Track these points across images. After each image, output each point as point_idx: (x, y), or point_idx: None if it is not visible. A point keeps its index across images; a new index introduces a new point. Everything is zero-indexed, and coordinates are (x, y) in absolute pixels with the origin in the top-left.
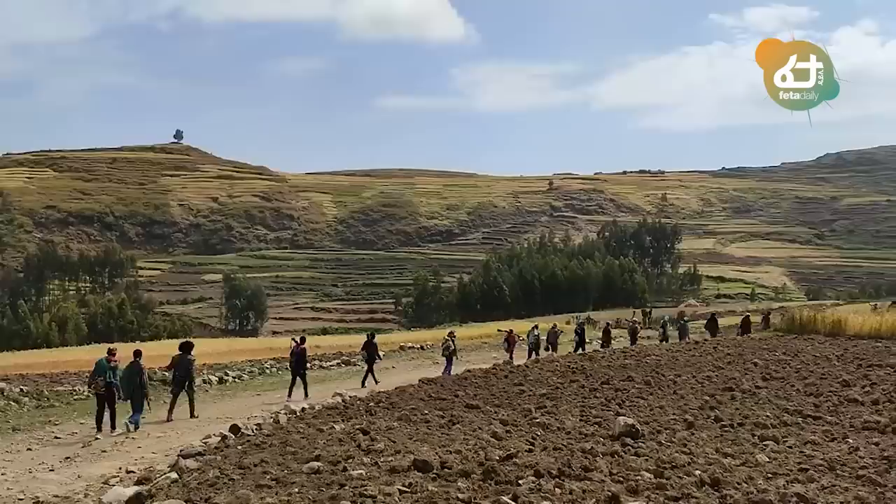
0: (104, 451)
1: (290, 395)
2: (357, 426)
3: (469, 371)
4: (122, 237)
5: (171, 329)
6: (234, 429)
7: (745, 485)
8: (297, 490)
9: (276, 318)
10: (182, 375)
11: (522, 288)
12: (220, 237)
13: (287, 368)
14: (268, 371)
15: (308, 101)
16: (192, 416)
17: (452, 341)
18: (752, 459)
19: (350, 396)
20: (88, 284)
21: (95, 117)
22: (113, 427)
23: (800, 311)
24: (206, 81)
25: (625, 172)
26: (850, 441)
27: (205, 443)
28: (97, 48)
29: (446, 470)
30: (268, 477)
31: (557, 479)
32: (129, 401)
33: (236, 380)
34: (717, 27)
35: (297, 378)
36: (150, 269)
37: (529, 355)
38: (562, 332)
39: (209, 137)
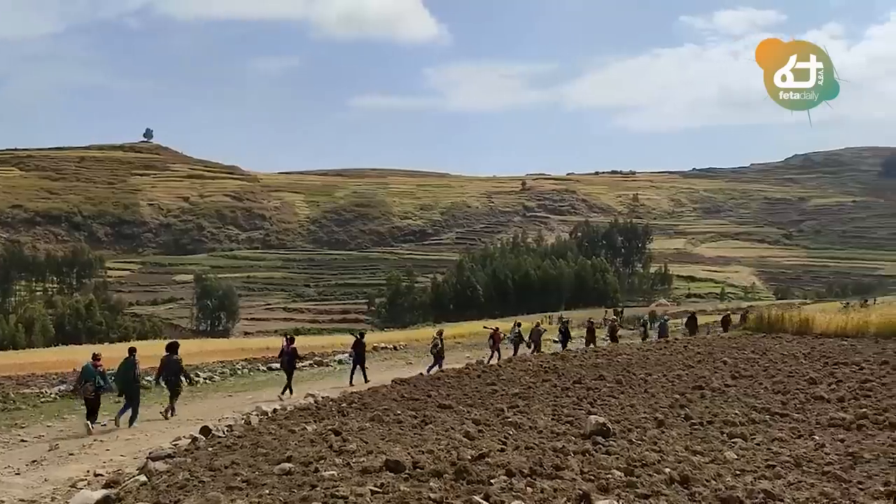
0: (72, 454)
1: (283, 394)
2: (329, 427)
3: (442, 371)
4: (90, 237)
5: (140, 330)
6: (205, 430)
7: (714, 482)
8: (267, 492)
9: (247, 319)
10: (171, 376)
11: (496, 288)
12: (190, 237)
13: (259, 370)
14: (239, 372)
15: (280, 101)
16: (169, 415)
17: (441, 340)
18: (720, 457)
19: (322, 397)
20: (56, 285)
21: (63, 115)
22: (93, 424)
23: (768, 310)
24: (176, 80)
25: (597, 173)
26: (817, 438)
27: (174, 445)
28: (65, 45)
29: (418, 470)
30: (238, 479)
31: (529, 478)
32: (122, 396)
33: (207, 381)
34: (688, 29)
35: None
36: (119, 269)
37: (515, 352)
38: (545, 330)
39: (179, 136)
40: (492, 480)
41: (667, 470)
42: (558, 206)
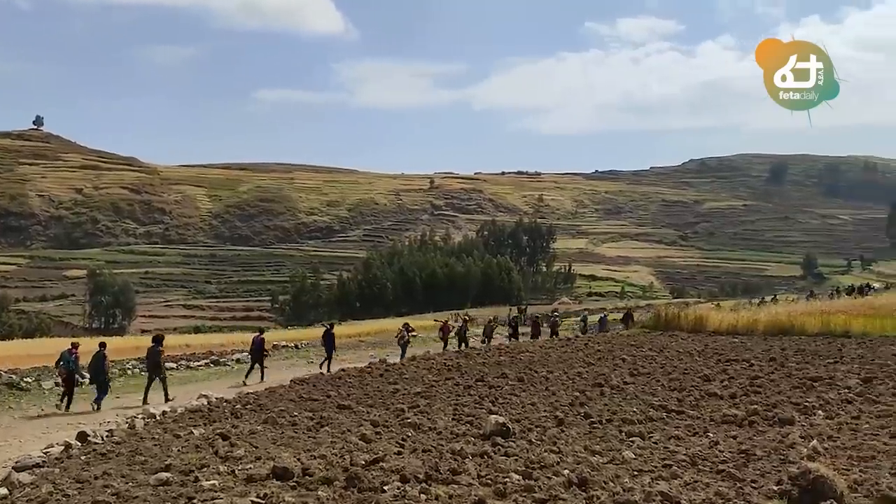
0: None
1: (261, 378)
2: (218, 431)
3: (343, 370)
4: None
5: (27, 328)
6: (81, 436)
7: (612, 484)
8: None
9: (145, 316)
10: (150, 364)
11: (403, 286)
12: (84, 231)
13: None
14: (129, 372)
15: (181, 91)
16: (165, 399)
17: (407, 332)
18: (619, 457)
19: (217, 398)
20: None
21: None
22: (68, 407)
23: (665, 309)
24: (70, 66)
25: (503, 173)
26: (711, 435)
27: (45, 453)
28: None
29: (307, 477)
30: (108, 491)
31: (424, 484)
32: (94, 385)
33: (80, 383)
34: (593, 35)
35: (257, 364)
36: (4, 263)
37: (459, 345)
38: (499, 324)
39: (73, 125)
40: (385, 487)
41: (565, 472)
42: (466, 205)
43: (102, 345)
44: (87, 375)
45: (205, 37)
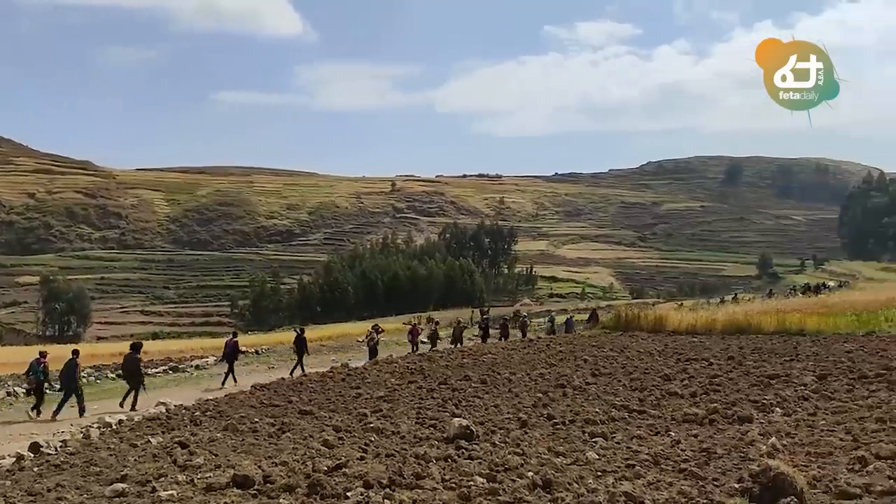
0: None
1: (223, 385)
2: (176, 439)
3: (305, 375)
4: None
5: None
6: (34, 447)
7: (576, 485)
8: None
9: (101, 323)
10: (127, 372)
11: (365, 289)
12: (36, 236)
13: (108, 377)
14: (84, 380)
15: (138, 93)
16: (132, 407)
17: (376, 333)
18: (582, 457)
19: (175, 405)
20: None
21: None
22: (38, 413)
23: (626, 309)
24: (21, 67)
25: (465, 176)
26: (672, 434)
27: None
28: None
29: (269, 485)
30: None
31: (388, 490)
32: (64, 391)
33: (47, 391)
34: (553, 38)
35: (229, 367)
36: None
37: (432, 348)
38: (467, 326)
39: (24, 128)
40: (348, 493)
41: (530, 474)
42: (427, 208)
43: (75, 352)
44: (58, 384)
45: (162, 39)
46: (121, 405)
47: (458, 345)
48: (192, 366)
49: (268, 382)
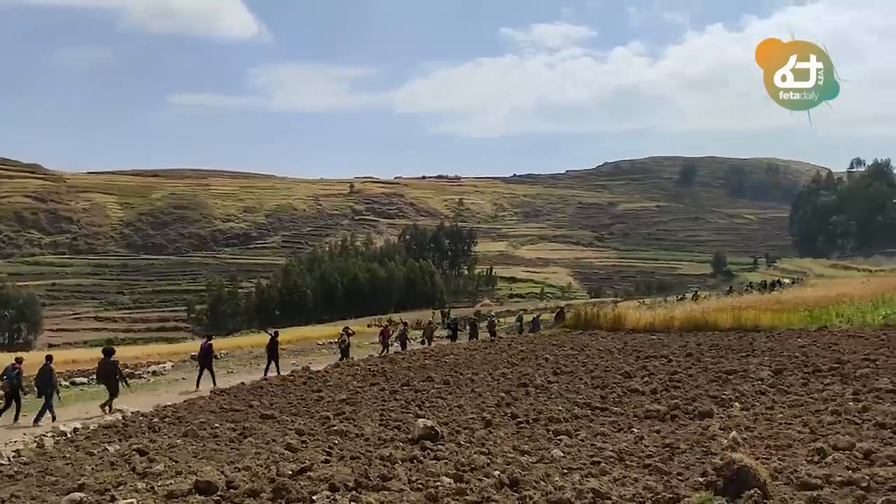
0: None
1: (198, 386)
2: (134, 446)
3: (265, 379)
4: None
5: None
6: None
7: (543, 483)
8: None
9: (52, 330)
10: (104, 376)
11: (324, 292)
12: None
13: (61, 384)
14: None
15: (89, 95)
16: (109, 411)
17: (347, 335)
18: (548, 455)
19: (133, 412)
20: None
21: None
22: (16, 419)
23: (585, 308)
24: None
25: (424, 177)
26: (636, 430)
27: None
28: None
29: (232, 491)
30: None
31: (354, 492)
32: (41, 396)
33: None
34: (509, 40)
35: (205, 370)
36: None
37: (403, 349)
38: (437, 326)
39: None
40: (314, 497)
41: (496, 473)
42: (387, 210)
43: (49, 358)
44: (33, 389)
45: (114, 40)
46: (102, 408)
47: (429, 343)
48: (148, 371)
49: (227, 387)
